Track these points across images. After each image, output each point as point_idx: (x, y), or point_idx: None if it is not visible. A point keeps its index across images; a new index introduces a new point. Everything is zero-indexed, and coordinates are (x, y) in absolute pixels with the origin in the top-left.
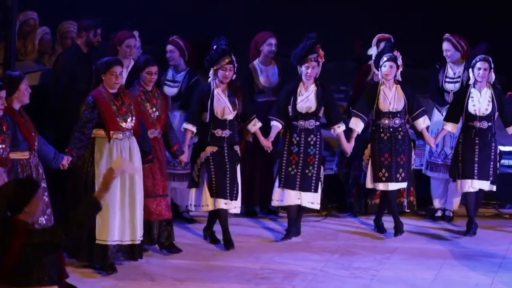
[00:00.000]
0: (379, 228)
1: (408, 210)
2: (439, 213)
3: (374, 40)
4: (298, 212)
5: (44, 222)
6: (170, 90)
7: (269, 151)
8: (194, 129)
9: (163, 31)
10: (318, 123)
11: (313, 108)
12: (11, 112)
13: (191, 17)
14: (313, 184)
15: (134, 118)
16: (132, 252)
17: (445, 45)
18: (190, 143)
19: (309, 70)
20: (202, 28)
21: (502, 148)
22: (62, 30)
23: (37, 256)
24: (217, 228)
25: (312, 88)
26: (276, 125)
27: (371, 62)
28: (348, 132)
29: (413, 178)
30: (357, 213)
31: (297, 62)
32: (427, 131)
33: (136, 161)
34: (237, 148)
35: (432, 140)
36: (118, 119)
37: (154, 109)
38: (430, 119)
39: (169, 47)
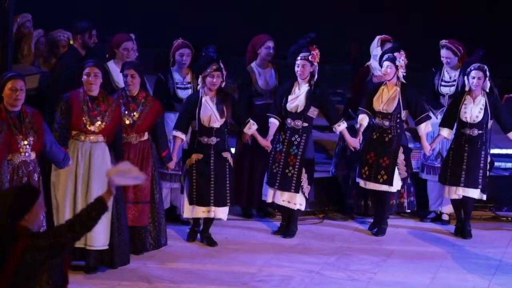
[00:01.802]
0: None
1: (409, 210)
2: (432, 215)
3: (378, 41)
4: (292, 214)
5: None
6: (185, 93)
7: (269, 151)
8: (183, 136)
9: (161, 34)
10: (306, 124)
11: (301, 107)
12: None
13: (189, 20)
14: (293, 185)
15: (104, 123)
16: (88, 257)
17: (445, 53)
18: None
19: (299, 69)
20: (201, 31)
21: (498, 150)
22: (52, 40)
23: (42, 259)
24: (213, 230)
25: (305, 87)
26: (274, 122)
27: (369, 63)
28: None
29: (413, 180)
30: (356, 214)
31: (290, 60)
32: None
33: (98, 166)
34: (226, 155)
35: (428, 147)
36: (84, 119)
37: (131, 115)
38: None
39: (186, 50)
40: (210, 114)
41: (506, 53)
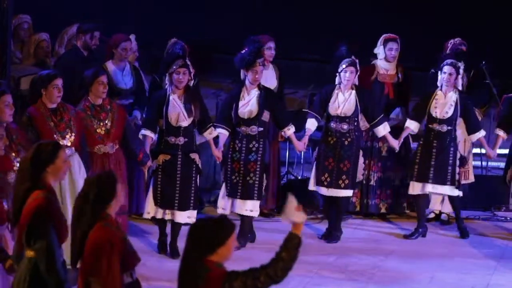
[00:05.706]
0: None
1: (408, 211)
2: (431, 215)
3: (381, 40)
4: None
5: None
6: None
7: (218, 162)
8: (152, 135)
9: (161, 34)
10: (261, 129)
11: (255, 112)
12: None
13: (188, 20)
14: (255, 192)
15: (73, 134)
16: None
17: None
18: None
19: (257, 76)
20: (201, 31)
21: (498, 151)
22: (71, 33)
23: None
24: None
25: (254, 92)
26: (223, 133)
27: (376, 61)
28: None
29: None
30: (358, 213)
31: (244, 67)
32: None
33: (77, 178)
34: (194, 156)
35: (396, 142)
36: (55, 136)
37: (101, 124)
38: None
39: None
40: (178, 112)
41: (506, 53)
